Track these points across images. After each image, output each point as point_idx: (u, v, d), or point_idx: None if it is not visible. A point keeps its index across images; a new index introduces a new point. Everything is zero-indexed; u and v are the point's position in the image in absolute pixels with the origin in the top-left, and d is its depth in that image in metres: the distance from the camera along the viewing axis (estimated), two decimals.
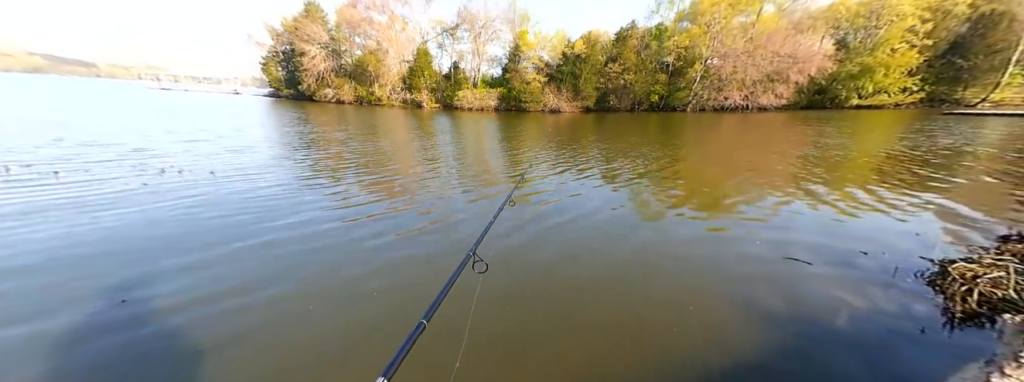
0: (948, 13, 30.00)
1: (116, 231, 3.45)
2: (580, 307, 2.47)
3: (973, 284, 2.53)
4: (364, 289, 2.61)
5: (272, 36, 40.93)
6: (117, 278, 2.68)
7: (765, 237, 3.68)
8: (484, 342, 2.09)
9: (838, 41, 33.50)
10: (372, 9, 37.94)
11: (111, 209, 3.99)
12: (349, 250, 3.19)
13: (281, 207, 4.24)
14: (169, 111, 17.49)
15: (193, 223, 3.69)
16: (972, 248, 3.29)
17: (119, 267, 2.82)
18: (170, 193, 4.62)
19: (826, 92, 33.35)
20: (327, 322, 2.27)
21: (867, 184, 5.83)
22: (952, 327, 2.29)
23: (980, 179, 6.13)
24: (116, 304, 2.38)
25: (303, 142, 10.22)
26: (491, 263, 1.49)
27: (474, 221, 3.99)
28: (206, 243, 3.23)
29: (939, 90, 30.58)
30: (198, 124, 13.35)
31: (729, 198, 5.03)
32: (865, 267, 3.05)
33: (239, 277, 2.73)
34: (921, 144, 10.18)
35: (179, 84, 56.67)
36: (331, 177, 5.91)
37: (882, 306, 2.52)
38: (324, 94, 38.58)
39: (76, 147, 7.19)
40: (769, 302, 2.57)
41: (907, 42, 30.11)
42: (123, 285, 2.59)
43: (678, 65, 34.61)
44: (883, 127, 15.80)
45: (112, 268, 2.79)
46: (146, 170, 5.73)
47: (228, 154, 7.50)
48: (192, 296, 2.47)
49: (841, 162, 7.84)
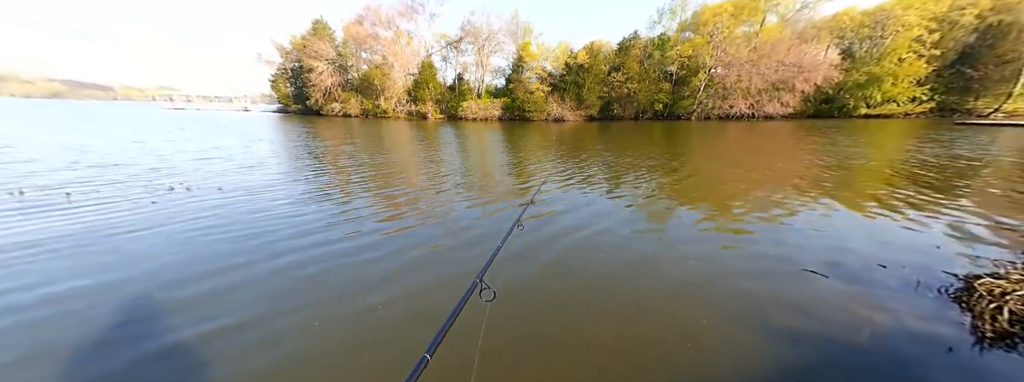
0: (955, 23, 29.90)
1: (123, 257, 3.35)
2: (593, 332, 2.31)
3: (1002, 301, 2.37)
4: (369, 318, 2.45)
5: (281, 54, 42.24)
6: (118, 312, 2.50)
7: (780, 249, 3.53)
8: (493, 376, 1.93)
9: (843, 50, 33.49)
10: (378, 25, 39.05)
11: (119, 232, 3.91)
12: (354, 275, 3.03)
13: (287, 227, 4.12)
14: (180, 129, 17.87)
15: (200, 246, 3.58)
16: (998, 262, 3.11)
17: (121, 300, 2.64)
18: (178, 213, 4.57)
19: (833, 101, 33.15)
20: (328, 358, 2.09)
21: (881, 195, 5.65)
22: (982, 348, 2.12)
23: (999, 191, 5.91)
24: (115, 342, 2.19)
25: (310, 157, 10.34)
26: (499, 289, 1.39)
27: (482, 241, 3.78)
28: (214, 269, 3.10)
29: (949, 100, 30.21)
30: (207, 141, 13.63)
31: (742, 210, 4.89)
32: (884, 281, 2.89)
33: (240, 308, 2.56)
34: (934, 154, 9.94)
35: (191, 103, 58.57)
36: (338, 194, 5.81)
37: (905, 323, 2.36)
38: (331, 108, 39.39)
39: (89, 169, 7.24)
40: (787, 318, 2.43)
41: (914, 52, 29.98)
42: (125, 320, 2.41)
43: (682, 74, 34.80)
44: (894, 137, 15.54)
45: (112, 300, 2.63)
46: (155, 189, 5.73)
47: (236, 171, 7.57)
48: (198, 331, 2.28)
49: (853, 172, 7.65)
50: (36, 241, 3.59)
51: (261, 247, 3.56)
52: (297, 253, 3.42)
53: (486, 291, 1.36)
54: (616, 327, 2.35)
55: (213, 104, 59.06)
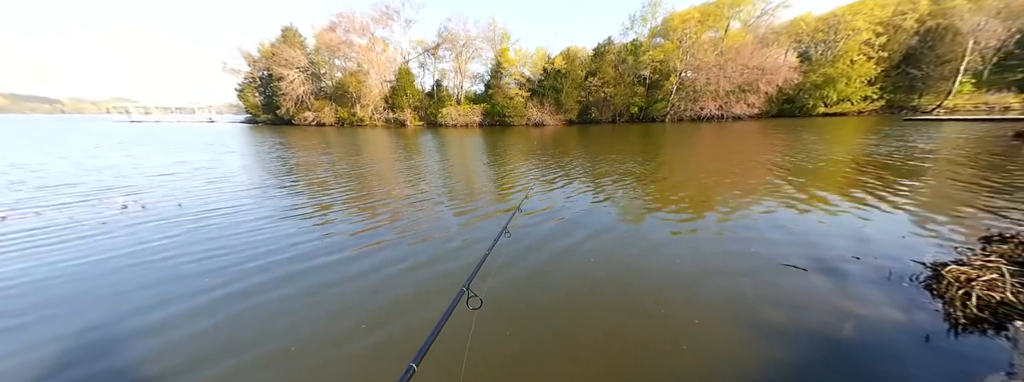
0: (898, 27, 32.41)
1: (66, 285, 3.04)
2: (581, 336, 2.27)
3: (969, 287, 2.48)
4: (351, 334, 2.30)
5: (248, 62, 40.69)
6: (60, 352, 2.23)
7: (759, 246, 3.61)
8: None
9: (801, 54, 35.59)
10: (352, 32, 38.37)
11: (63, 258, 3.57)
12: (334, 290, 2.86)
13: (258, 243, 3.86)
14: (136, 144, 16.84)
15: (158, 270, 3.30)
16: (959, 249, 3.28)
17: (62, 337, 2.35)
18: (132, 233, 4.22)
19: (794, 101, 35.06)
20: (312, 374, 1.96)
21: (846, 188, 5.93)
22: (957, 334, 2.20)
23: (949, 181, 6.33)
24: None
25: (279, 169, 9.92)
26: (486, 297, 1.35)
27: (466, 251, 3.66)
28: (174, 294, 2.83)
29: (897, 98, 32.56)
30: (168, 156, 12.89)
31: (720, 209, 4.99)
32: (859, 273, 2.99)
33: (213, 335, 2.34)
34: (889, 149, 10.61)
35: (150, 115, 55.31)
36: (313, 207, 5.55)
37: (883, 313, 2.43)
38: (304, 117, 38.19)
39: (34, 190, 6.65)
40: (773, 314, 2.45)
41: (864, 54, 32.24)
42: (68, 361, 2.13)
43: (655, 78, 35.97)
44: (851, 133, 16.52)
45: (54, 336, 2.35)
46: (108, 207, 5.29)
47: (198, 185, 7.12)
48: (159, 368, 2.05)
49: (818, 167, 8.02)
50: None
51: (231, 266, 3.31)
52: (273, 271, 3.20)
53: (473, 299, 1.35)
54: (604, 330, 2.32)
55: (174, 116, 56.05)
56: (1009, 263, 2.72)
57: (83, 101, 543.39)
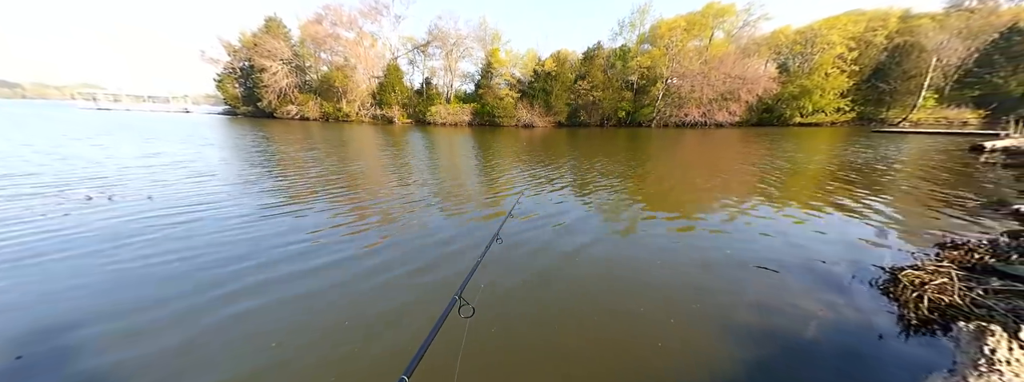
0: (869, 43, 34.15)
1: (24, 286, 2.91)
2: (571, 342, 2.31)
3: (922, 291, 2.67)
4: (340, 345, 2.23)
5: (229, 52, 39.18)
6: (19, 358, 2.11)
7: (735, 248, 3.77)
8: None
9: (780, 65, 37.00)
10: (339, 25, 37.55)
11: (16, 256, 3.38)
12: (321, 299, 2.76)
13: (238, 243, 3.73)
14: (103, 133, 16.04)
15: (122, 272, 3.17)
16: (916, 255, 3.52)
17: (18, 344, 2.22)
18: (98, 229, 4.05)
19: (773, 110, 36.41)
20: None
21: (817, 194, 6.24)
22: (908, 334, 2.37)
23: (911, 189, 6.74)
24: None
25: (259, 162, 9.65)
26: (478, 304, 1.35)
27: (459, 257, 3.56)
28: (140, 301, 2.69)
29: (867, 110, 34.27)
30: (140, 147, 12.34)
31: (701, 213, 5.17)
32: (825, 276, 3.16)
33: (185, 349, 2.22)
34: (857, 158, 11.17)
35: (120, 103, 52.10)
36: (296, 209, 5.36)
37: (843, 314, 2.59)
38: (286, 110, 37.12)
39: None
40: (745, 315, 2.59)
41: (838, 67, 33.81)
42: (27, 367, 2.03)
43: (642, 83, 36.65)
44: (823, 143, 17.30)
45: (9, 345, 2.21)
46: (67, 198, 5.05)
47: (173, 177, 6.86)
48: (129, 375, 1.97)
49: (792, 174, 8.39)
50: None
51: (206, 269, 3.22)
52: (251, 277, 3.13)
53: (465, 308, 1.33)
54: (593, 335, 2.38)
55: (146, 104, 53.09)
56: (958, 268, 2.94)
57: (47, 86, 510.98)
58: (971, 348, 1.57)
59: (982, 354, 1.50)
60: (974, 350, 1.55)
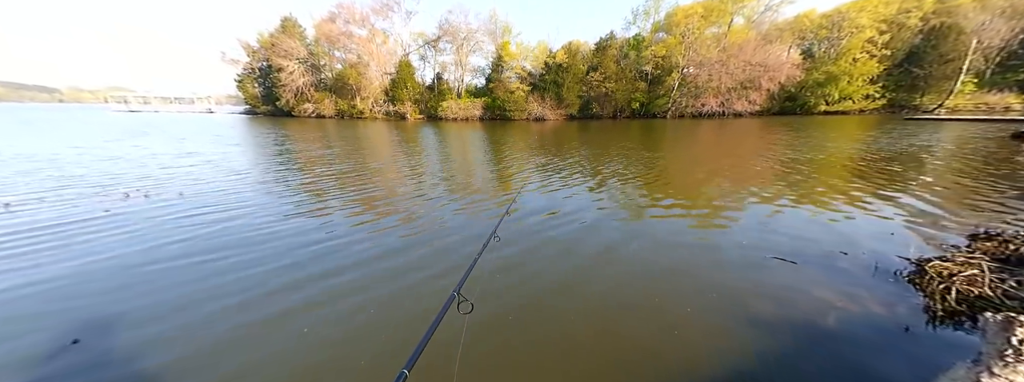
0: (902, 25, 32.21)
1: (64, 280, 3.09)
2: (575, 334, 2.30)
3: (950, 282, 2.57)
4: (341, 338, 2.27)
5: (248, 53, 40.33)
6: (56, 351, 2.28)
7: (752, 239, 3.70)
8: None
9: (804, 51, 35.42)
10: (352, 24, 38.00)
11: (60, 248, 3.61)
12: (324, 293, 2.79)
13: (255, 242, 3.79)
14: (136, 134, 16.79)
15: (152, 272, 3.35)
16: (945, 246, 3.38)
17: (58, 333, 2.37)
18: (132, 226, 4.28)
19: (796, 99, 34.99)
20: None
21: (841, 186, 6.01)
22: (935, 325, 2.30)
23: (944, 180, 6.41)
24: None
25: (279, 163, 9.96)
26: (477, 300, 1.38)
27: (460, 251, 3.59)
28: (168, 301, 2.76)
29: (899, 97, 32.51)
30: (170, 146, 12.90)
31: (715, 203, 5.08)
32: (847, 267, 3.08)
33: (191, 329, 2.40)
34: (888, 147, 10.67)
35: (148, 105, 54.56)
36: (310, 203, 5.52)
37: (867, 305, 2.53)
38: (303, 109, 38.01)
39: (36, 175, 6.72)
40: (761, 306, 2.55)
41: (867, 52, 32.10)
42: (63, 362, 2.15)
43: (656, 73, 35.78)
44: (851, 131, 16.56)
45: (48, 335, 2.34)
46: (109, 195, 5.39)
47: (198, 175, 7.17)
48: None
49: (816, 164, 8.10)
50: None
51: (230, 281, 3.39)
52: (261, 265, 3.27)
53: (464, 304, 1.35)
54: (598, 326, 2.37)
55: (173, 106, 55.41)
56: (991, 260, 2.82)
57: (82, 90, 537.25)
58: (998, 338, 1.52)
59: (1009, 344, 1.45)
60: (1001, 340, 1.50)
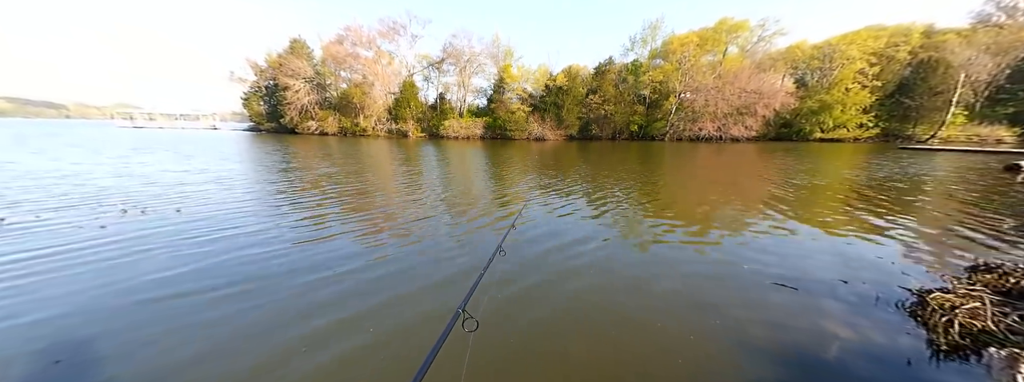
0: (892, 58, 33.46)
1: (56, 298, 3.07)
2: (578, 355, 2.26)
3: (952, 315, 2.51)
4: (346, 357, 2.22)
5: (255, 72, 41.46)
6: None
7: (752, 265, 3.64)
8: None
9: (797, 80, 36.57)
10: (359, 45, 39.37)
11: (54, 265, 3.59)
12: (328, 313, 2.73)
13: (254, 261, 3.70)
14: (139, 150, 16.99)
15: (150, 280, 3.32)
16: (945, 277, 3.33)
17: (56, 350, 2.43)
18: (128, 242, 4.25)
19: (792, 125, 35.70)
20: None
21: (840, 213, 6.01)
22: (938, 360, 2.22)
23: (941, 209, 6.42)
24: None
25: (281, 178, 10.00)
26: (482, 318, 1.35)
27: (465, 268, 3.56)
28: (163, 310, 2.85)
29: (892, 126, 33.19)
30: (167, 163, 13.00)
31: (715, 228, 5.05)
32: (846, 297, 3.02)
33: (197, 359, 2.26)
34: (883, 176, 10.77)
35: (153, 122, 55.39)
36: (311, 218, 5.52)
37: (868, 336, 2.45)
38: (307, 127, 38.60)
39: (34, 191, 6.72)
40: (760, 332, 2.48)
41: (859, 82, 33.13)
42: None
43: (654, 98, 36.73)
44: (846, 159, 16.77)
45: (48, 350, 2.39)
46: (106, 211, 5.35)
47: (198, 191, 7.17)
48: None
49: (813, 191, 8.13)
50: None
51: (227, 295, 3.32)
52: (259, 283, 3.22)
53: (469, 321, 1.33)
54: (600, 348, 2.32)
55: (178, 122, 56.11)
56: (992, 292, 2.77)
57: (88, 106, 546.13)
58: (1004, 375, 1.47)
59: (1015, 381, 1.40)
60: (1007, 377, 1.45)
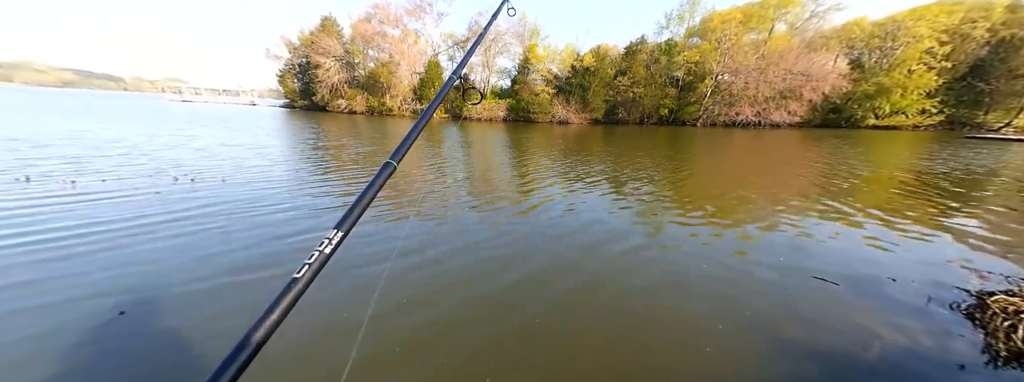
0: (966, 36, 29.68)
1: (120, 249, 3.37)
2: (597, 341, 2.30)
3: (1017, 320, 2.31)
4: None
5: (289, 49, 42.37)
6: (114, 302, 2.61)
7: (791, 258, 3.48)
8: None
9: (853, 60, 33.31)
10: (386, 24, 39.18)
11: (118, 222, 3.94)
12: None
13: (292, 221, 4.14)
14: (190, 121, 17.98)
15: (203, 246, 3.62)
16: (1011, 279, 3.05)
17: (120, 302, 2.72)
18: (180, 206, 4.59)
19: (841, 111, 32.92)
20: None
21: (891, 207, 5.58)
22: (996, 365, 2.07)
23: (1008, 207, 5.81)
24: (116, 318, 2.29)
25: (316, 154, 10.35)
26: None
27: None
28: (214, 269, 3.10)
29: (959, 113, 29.92)
30: (217, 135, 13.66)
31: (752, 218, 4.83)
32: (894, 295, 2.84)
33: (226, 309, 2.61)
34: (944, 168, 9.83)
35: (200, 96, 58.44)
36: (339, 184, 5.84)
37: (916, 338, 2.31)
38: (337, 105, 39.47)
39: (102, 158, 7.31)
40: (796, 329, 2.39)
41: (924, 63, 29.76)
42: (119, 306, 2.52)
43: (688, 80, 34.70)
44: (903, 149, 15.40)
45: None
46: (161, 180, 5.80)
47: (240, 161, 7.55)
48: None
49: (862, 183, 7.56)
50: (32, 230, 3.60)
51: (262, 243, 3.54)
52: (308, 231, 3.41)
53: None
54: (620, 334, 2.31)
55: (221, 97, 59.02)
56: None
57: (142, 80, 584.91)
58: None
59: None
60: None
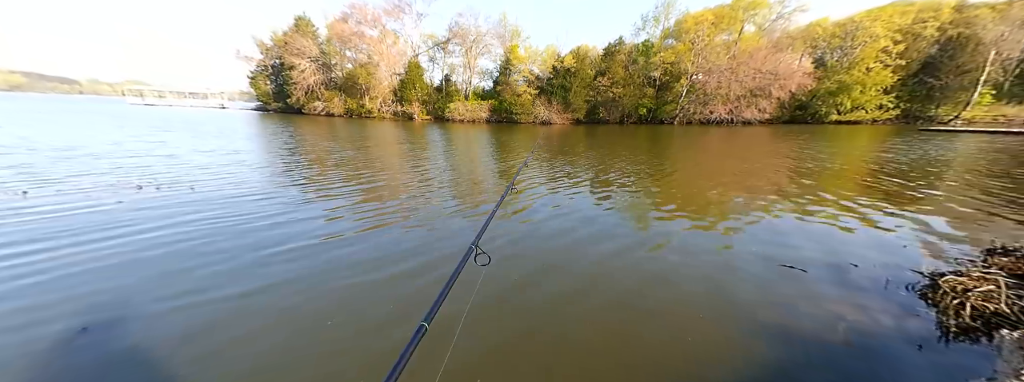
0: (918, 35, 31.75)
1: (78, 268, 3.19)
2: (583, 332, 2.35)
3: (965, 297, 2.50)
4: (368, 296, 2.46)
5: (261, 50, 40.87)
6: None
7: (762, 248, 3.64)
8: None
9: (816, 59, 35.03)
10: (364, 24, 38.39)
11: (77, 235, 3.71)
12: (343, 265, 3.01)
13: (266, 229, 3.98)
14: (152, 128, 17.09)
15: (178, 256, 3.45)
16: (959, 260, 3.29)
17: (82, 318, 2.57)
18: (148, 216, 4.37)
19: (807, 108, 34.57)
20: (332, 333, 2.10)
21: (853, 196, 5.91)
22: (948, 342, 2.23)
23: (958, 193, 6.27)
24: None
25: (290, 157, 10.05)
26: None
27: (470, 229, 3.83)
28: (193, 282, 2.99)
29: (913, 107, 31.96)
30: (176, 140, 13.07)
31: (725, 211, 5.02)
32: (857, 279, 3.02)
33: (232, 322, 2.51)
34: (901, 158, 10.48)
35: (164, 99, 55.42)
36: (319, 192, 5.71)
37: (878, 319, 2.47)
38: (313, 107, 38.40)
39: (49, 166, 6.86)
40: (769, 315, 2.51)
41: (881, 62, 31.65)
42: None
43: (665, 80, 35.61)
44: (864, 142, 16.31)
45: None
46: (121, 187, 5.47)
47: (211, 168, 7.25)
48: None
49: (827, 175, 7.97)
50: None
51: (242, 252, 3.42)
52: (284, 242, 3.31)
53: (481, 256, 1.41)
54: (605, 327, 2.37)
55: (187, 100, 56.10)
56: (1008, 275, 2.74)
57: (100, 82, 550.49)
58: (1015, 356, 1.48)
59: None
60: (1018, 358, 1.45)
